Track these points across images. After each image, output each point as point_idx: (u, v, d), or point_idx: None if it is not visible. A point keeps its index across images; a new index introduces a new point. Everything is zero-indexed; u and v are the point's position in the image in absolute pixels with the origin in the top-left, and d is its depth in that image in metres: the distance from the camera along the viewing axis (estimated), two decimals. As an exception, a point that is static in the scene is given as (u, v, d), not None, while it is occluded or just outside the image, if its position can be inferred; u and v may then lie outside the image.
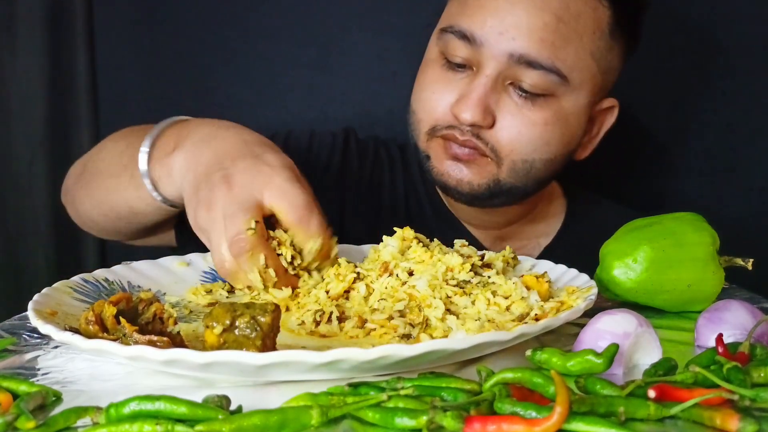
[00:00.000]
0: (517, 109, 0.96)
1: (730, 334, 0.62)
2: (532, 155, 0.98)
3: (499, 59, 0.95)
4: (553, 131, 0.98)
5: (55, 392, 0.53)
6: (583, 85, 0.99)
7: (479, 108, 0.95)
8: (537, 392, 0.51)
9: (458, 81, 0.99)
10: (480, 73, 0.96)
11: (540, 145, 0.98)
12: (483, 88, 0.95)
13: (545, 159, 0.99)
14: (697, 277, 0.75)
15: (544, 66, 0.94)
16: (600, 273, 0.78)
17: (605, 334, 0.59)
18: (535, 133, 0.97)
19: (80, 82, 1.41)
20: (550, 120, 0.97)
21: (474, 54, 0.96)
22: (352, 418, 0.49)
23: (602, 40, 0.99)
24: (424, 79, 1.02)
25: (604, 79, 1.02)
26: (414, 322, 0.67)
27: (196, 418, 0.47)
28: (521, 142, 0.97)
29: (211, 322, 0.58)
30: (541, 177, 1.02)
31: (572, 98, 0.98)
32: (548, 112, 0.97)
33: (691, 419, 0.48)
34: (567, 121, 0.99)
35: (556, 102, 0.97)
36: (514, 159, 0.98)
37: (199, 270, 0.85)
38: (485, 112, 0.95)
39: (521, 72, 0.95)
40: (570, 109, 0.99)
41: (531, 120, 0.96)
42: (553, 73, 0.95)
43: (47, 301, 0.67)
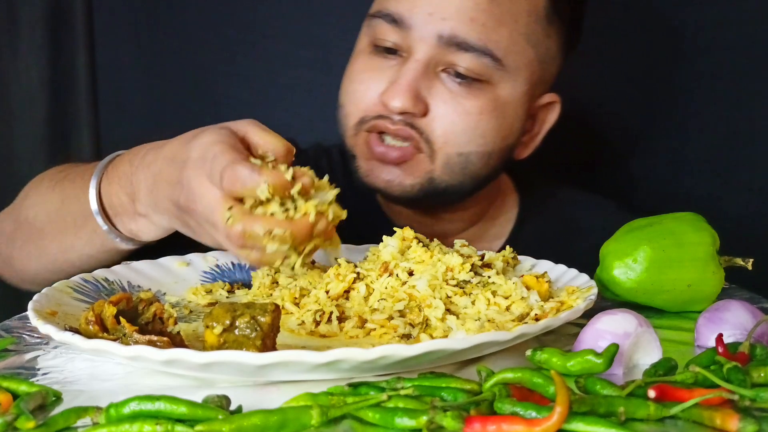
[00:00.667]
0: (451, 96, 0.92)
1: (730, 334, 0.62)
2: (468, 147, 0.93)
3: (428, 42, 0.91)
4: (488, 121, 0.93)
5: (55, 392, 0.53)
6: (519, 71, 0.94)
7: (409, 94, 0.90)
8: (537, 392, 0.51)
9: (388, 68, 0.94)
10: (410, 58, 0.92)
11: (475, 137, 0.93)
12: (413, 73, 0.91)
13: (481, 152, 0.94)
14: (697, 277, 0.75)
15: (475, 47, 0.90)
16: (600, 273, 0.78)
17: (605, 334, 0.59)
18: (470, 123, 0.92)
19: (80, 82, 1.41)
20: (486, 108, 0.93)
21: (403, 38, 0.92)
22: (352, 418, 0.49)
23: (538, 25, 0.95)
24: (353, 69, 0.98)
25: (542, 68, 0.97)
26: (414, 322, 0.67)
27: (196, 418, 0.47)
28: (455, 133, 0.92)
29: (211, 322, 0.58)
30: (477, 173, 0.96)
31: (509, 85, 0.94)
32: (483, 100, 0.92)
33: (691, 419, 0.48)
34: (504, 111, 0.94)
35: (492, 90, 0.93)
36: (449, 152, 0.93)
37: (199, 270, 0.85)
38: (416, 99, 0.91)
39: (453, 55, 0.91)
40: (507, 97, 0.94)
41: (465, 108, 0.92)
42: (486, 56, 0.91)
43: (47, 301, 0.67)
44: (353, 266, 0.74)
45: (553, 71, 1.01)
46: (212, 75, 1.43)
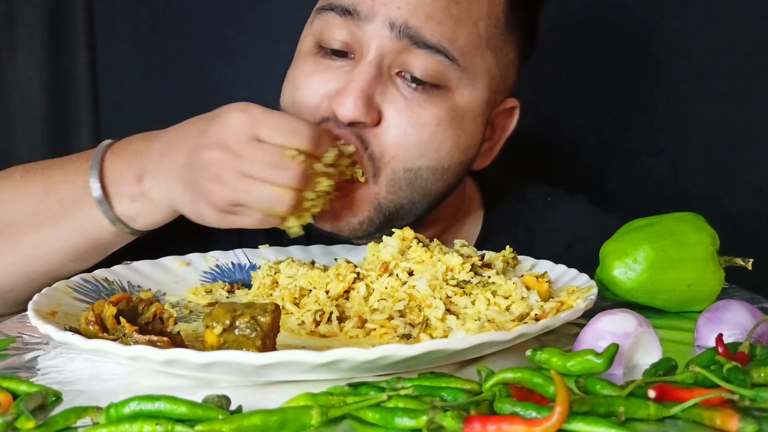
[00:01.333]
0: (406, 104, 0.84)
1: (730, 334, 0.62)
2: (418, 162, 0.85)
3: (381, 35, 0.83)
4: (445, 133, 0.85)
5: (55, 392, 0.53)
6: (478, 76, 0.88)
7: (361, 101, 0.81)
8: (537, 392, 0.51)
9: (337, 70, 0.85)
10: (362, 59, 0.84)
11: (429, 150, 0.85)
12: (366, 77, 0.83)
13: (433, 167, 0.86)
14: (697, 277, 0.75)
15: (429, 44, 0.83)
16: (600, 273, 0.78)
17: (605, 334, 0.59)
18: (424, 135, 0.84)
19: (80, 82, 1.41)
20: (444, 119, 0.85)
21: (355, 34, 0.84)
22: (352, 418, 0.49)
23: (497, 29, 0.89)
24: (296, 73, 0.89)
25: (501, 75, 0.92)
26: (414, 322, 0.67)
27: (196, 418, 0.47)
28: (407, 146, 0.84)
29: (211, 322, 0.58)
30: (428, 190, 0.88)
31: (467, 92, 0.87)
32: (441, 109, 0.85)
33: (691, 419, 0.48)
34: (462, 121, 0.87)
35: (450, 97, 0.86)
36: (395, 167, 0.84)
37: (199, 270, 0.85)
38: (368, 107, 0.82)
39: (408, 55, 0.83)
40: (466, 105, 0.87)
41: (421, 119, 0.84)
42: (441, 54, 0.84)
43: (47, 301, 0.67)
44: (353, 266, 0.74)
45: (512, 78, 0.95)
46: (212, 75, 1.43)
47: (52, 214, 0.83)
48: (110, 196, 0.81)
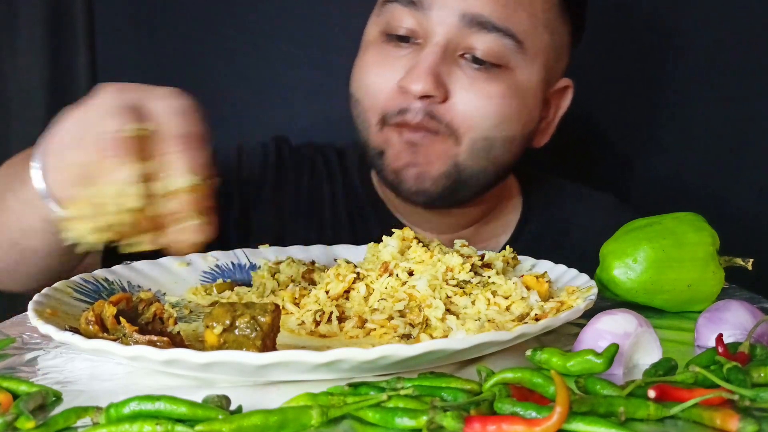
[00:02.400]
0: (470, 82, 0.90)
1: (730, 334, 0.62)
2: (493, 132, 0.92)
3: (449, 23, 0.89)
4: (510, 106, 0.92)
5: (55, 392, 0.53)
6: (537, 56, 0.94)
7: (430, 77, 0.88)
8: (537, 392, 0.51)
9: (403, 57, 0.92)
10: (428, 42, 0.90)
11: (499, 122, 0.92)
12: (433, 57, 0.89)
13: (505, 137, 0.93)
14: (697, 277, 0.75)
15: (498, 27, 0.89)
16: (600, 273, 0.78)
17: (605, 334, 0.59)
18: (492, 107, 0.91)
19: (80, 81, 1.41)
20: (507, 93, 0.92)
21: (421, 22, 0.90)
22: (352, 418, 0.49)
23: (552, 13, 0.95)
24: (365, 62, 0.96)
25: (556, 56, 0.98)
26: (414, 322, 0.67)
27: (196, 418, 0.47)
28: (479, 117, 0.91)
29: (211, 322, 0.58)
30: (501, 160, 0.96)
31: (527, 71, 0.93)
32: (503, 85, 0.91)
33: (691, 419, 0.48)
34: (524, 96, 0.94)
35: (511, 75, 0.92)
36: (473, 136, 0.92)
37: (199, 270, 0.85)
38: (437, 83, 0.89)
39: (473, 38, 0.89)
40: (525, 83, 0.94)
41: (487, 93, 0.91)
42: (508, 37, 0.90)
43: (47, 301, 0.67)
44: (353, 266, 0.74)
45: (565, 60, 1.01)
46: (212, 75, 1.43)
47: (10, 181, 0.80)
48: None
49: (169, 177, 0.60)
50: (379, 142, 0.95)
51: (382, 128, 0.94)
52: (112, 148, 0.58)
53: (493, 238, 1.07)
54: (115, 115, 0.60)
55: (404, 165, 0.93)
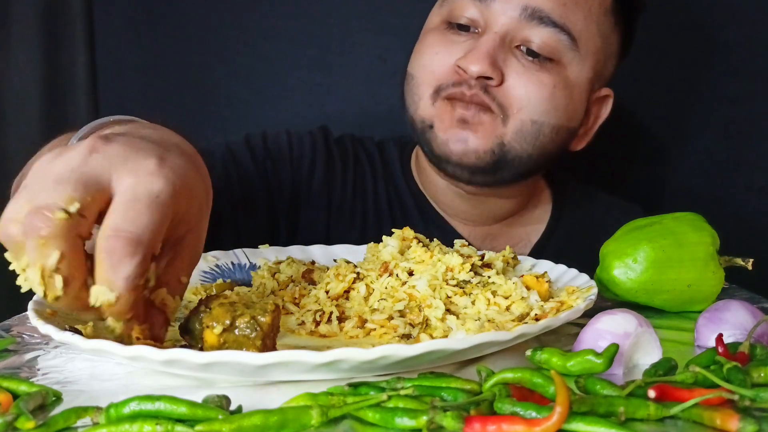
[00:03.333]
0: (525, 69, 0.95)
1: (730, 334, 0.62)
2: (542, 117, 0.96)
3: (510, 15, 0.94)
4: (560, 96, 0.97)
5: (55, 392, 0.53)
6: (588, 56, 0.98)
7: (488, 60, 0.93)
8: (537, 392, 0.51)
9: (462, 42, 0.97)
10: (488, 30, 0.95)
11: (549, 108, 0.96)
12: (491, 43, 0.94)
13: (553, 124, 0.97)
14: (697, 277, 0.75)
15: (556, 23, 0.94)
16: (600, 273, 0.78)
17: (605, 334, 0.59)
18: (545, 94, 0.95)
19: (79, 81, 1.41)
20: (559, 84, 0.96)
21: (483, 12, 0.96)
22: (352, 418, 0.49)
23: (606, 18, 1.00)
24: (425, 43, 1.00)
25: (605, 60, 1.02)
26: (414, 322, 0.67)
27: (196, 418, 0.47)
28: (531, 101, 0.95)
29: (211, 322, 0.58)
30: (546, 148, 0.99)
31: (577, 69, 0.98)
32: (555, 76, 0.96)
33: (691, 419, 0.48)
34: (572, 91, 0.98)
35: (562, 69, 0.97)
36: (523, 118, 0.96)
37: (198, 270, 0.85)
38: (494, 66, 0.93)
39: (531, 31, 0.94)
40: (574, 80, 0.98)
41: (540, 80, 0.95)
42: (564, 33, 0.95)
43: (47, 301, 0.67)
44: (353, 266, 0.74)
45: (611, 69, 1.05)
46: (212, 75, 1.43)
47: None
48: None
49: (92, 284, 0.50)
50: (430, 115, 0.99)
51: (435, 102, 0.98)
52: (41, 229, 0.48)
53: (525, 236, 1.12)
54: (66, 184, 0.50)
55: (452, 138, 0.97)
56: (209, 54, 1.42)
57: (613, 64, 1.05)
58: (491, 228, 1.10)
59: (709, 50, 1.37)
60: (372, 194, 1.11)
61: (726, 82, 1.38)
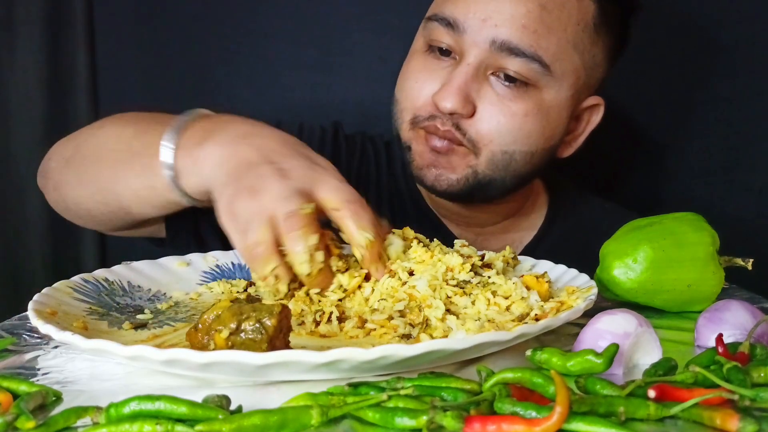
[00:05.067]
0: (498, 99, 0.96)
1: (730, 334, 0.62)
2: (512, 146, 0.97)
3: (481, 46, 0.95)
4: (533, 123, 0.97)
5: (55, 392, 0.53)
6: (565, 77, 0.98)
7: (459, 96, 0.94)
8: (537, 392, 0.51)
9: (441, 70, 0.98)
10: (462, 61, 0.96)
11: (520, 137, 0.97)
12: (464, 77, 0.95)
13: (525, 151, 0.99)
14: (697, 277, 0.75)
15: (526, 54, 0.94)
16: (600, 273, 0.78)
17: (605, 334, 0.59)
18: (515, 124, 0.96)
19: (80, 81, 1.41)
20: (531, 111, 0.97)
21: (457, 41, 0.97)
22: (352, 418, 0.49)
23: (586, 33, 0.99)
24: (409, 68, 1.02)
25: (587, 74, 1.02)
26: (414, 322, 0.67)
27: (196, 418, 0.47)
28: (501, 132, 0.96)
29: (218, 326, 0.58)
30: (520, 171, 1.01)
31: (554, 90, 0.98)
32: (530, 103, 0.97)
33: (691, 419, 0.48)
34: (548, 114, 0.99)
35: (538, 93, 0.97)
36: (493, 150, 0.97)
37: (199, 270, 0.85)
38: (465, 101, 0.95)
39: (503, 60, 0.95)
40: (551, 101, 0.99)
41: (511, 110, 0.96)
42: (536, 62, 0.95)
43: (47, 301, 0.67)
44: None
45: (599, 76, 1.04)
46: (212, 75, 1.43)
47: (130, 155, 0.87)
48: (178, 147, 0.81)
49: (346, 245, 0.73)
50: (408, 138, 1.02)
51: (412, 128, 1.01)
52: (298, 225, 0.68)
53: (518, 238, 1.13)
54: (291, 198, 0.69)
55: (426, 165, 1.00)
56: (209, 54, 1.42)
57: (601, 71, 1.04)
58: (484, 230, 1.11)
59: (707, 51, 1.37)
60: (374, 188, 1.13)
61: (726, 82, 1.37)
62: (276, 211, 0.69)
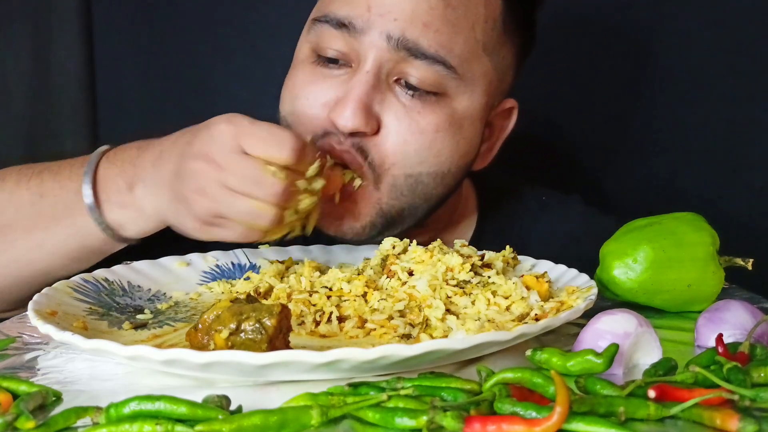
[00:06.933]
0: (405, 111, 0.84)
1: (730, 334, 0.62)
2: (418, 168, 0.85)
3: (378, 46, 0.82)
4: (444, 139, 0.85)
5: (55, 392, 0.53)
6: (476, 82, 0.87)
7: (360, 111, 0.81)
8: (537, 392, 0.51)
9: (335, 78, 0.85)
10: (360, 68, 0.83)
11: (428, 157, 0.85)
12: (364, 87, 0.82)
13: (433, 172, 0.86)
14: (697, 277, 0.75)
15: (427, 54, 0.83)
16: (600, 273, 0.78)
17: (605, 334, 0.59)
18: (424, 142, 0.84)
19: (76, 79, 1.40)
20: (442, 126, 0.85)
21: (352, 45, 0.84)
22: (352, 418, 0.49)
23: (494, 32, 0.89)
24: (295, 82, 0.89)
25: (499, 78, 0.91)
26: (414, 322, 0.67)
27: (196, 418, 0.47)
28: (407, 153, 0.84)
29: (218, 326, 0.58)
30: (429, 194, 0.88)
31: (466, 98, 0.87)
32: (440, 115, 0.85)
33: (691, 419, 0.48)
34: (461, 126, 0.87)
35: (449, 103, 0.86)
36: (395, 174, 0.85)
37: (199, 270, 0.85)
38: (368, 116, 0.82)
39: (406, 64, 0.83)
40: (464, 111, 0.87)
41: (420, 126, 0.84)
42: (439, 63, 0.83)
43: (47, 301, 0.67)
44: None
45: (509, 80, 0.95)
46: (212, 75, 1.43)
47: (45, 219, 0.83)
48: (101, 203, 0.80)
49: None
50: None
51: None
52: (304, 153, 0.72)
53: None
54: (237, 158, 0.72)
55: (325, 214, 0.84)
56: (209, 54, 1.42)
57: (511, 74, 0.95)
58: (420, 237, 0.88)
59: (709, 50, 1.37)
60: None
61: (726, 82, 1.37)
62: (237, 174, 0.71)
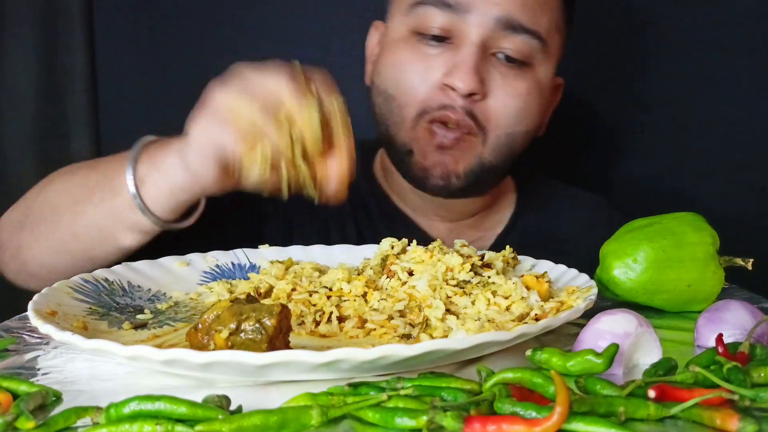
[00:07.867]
0: (503, 80, 0.96)
1: (730, 334, 0.62)
2: (515, 127, 0.98)
3: (485, 25, 0.94)
4: (533, 102, 0.99)
5: (55, 392, 0.53)
6: (553, 54, 1.01)
7: (475, 76, 0.94)
8: (537, 392, 0.51)
9: (438, 56, 0.96)
10: (465, 42, 0.95)
11: (522, 117, 0.98)
12: (474, 57, 0.94)
13: (524, 131, 1.00)
14: (697, 277, 0.75)
15: (528, 30, 0.95)
16: (600, 273, 0.78)
17: (605, 334, 0.59)
18: (520, 104, 0.97)
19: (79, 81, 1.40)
20: (532, 90, 0.98)
21: (455, 23, 0.95)
22: (352, 418, 0.49)
23: (561, 12, 1.01)
24: (398, 59, 0.99)
25: (561, 53, 1.04)
26: (414, 322, 0.67)
27: (196, 418, 0.47)
28: (508, 115, 0.97)
29: (218, 326, 0.58)
30: (517, 152, 1.01)
31: (544, 68, 1.00)
32: (530, 82, 0.98)
33: (691, 419, 0.48)
34: (542, 91, 1.01)
35: (533, 72, 0.99)
36: (499, 133, 0.97)
37: (199, 270, 0.85)
38: (480, 81, 0.94)
39: (505, 39, 0.95)
40: (544, 79, 1.00)
41: (516, 91, 0.97)
42: (536, 38, 0.96)
43: (47, 301, 0.67)
44: None
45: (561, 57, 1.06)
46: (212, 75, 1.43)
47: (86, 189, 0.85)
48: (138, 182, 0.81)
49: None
50: (409, 139, 0.99)
51: (416, 125, 0.97)
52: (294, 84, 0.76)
53: (490, 230, 1.12)
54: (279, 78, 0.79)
55: (432, 164, 0.98)
56: (209, 54, 1.42)
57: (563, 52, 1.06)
58: (457, 224, 1.10)
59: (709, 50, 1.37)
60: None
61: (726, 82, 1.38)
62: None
